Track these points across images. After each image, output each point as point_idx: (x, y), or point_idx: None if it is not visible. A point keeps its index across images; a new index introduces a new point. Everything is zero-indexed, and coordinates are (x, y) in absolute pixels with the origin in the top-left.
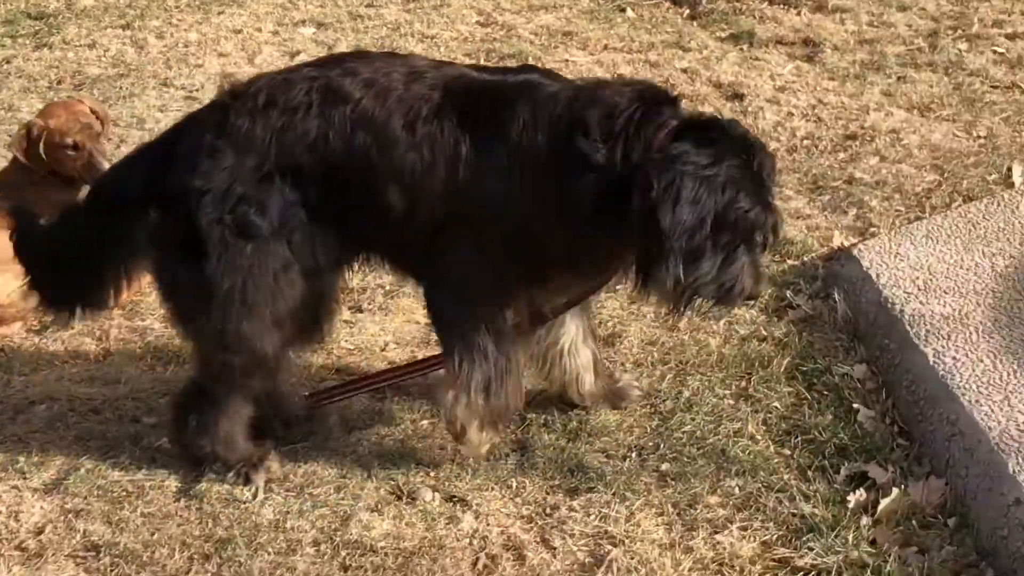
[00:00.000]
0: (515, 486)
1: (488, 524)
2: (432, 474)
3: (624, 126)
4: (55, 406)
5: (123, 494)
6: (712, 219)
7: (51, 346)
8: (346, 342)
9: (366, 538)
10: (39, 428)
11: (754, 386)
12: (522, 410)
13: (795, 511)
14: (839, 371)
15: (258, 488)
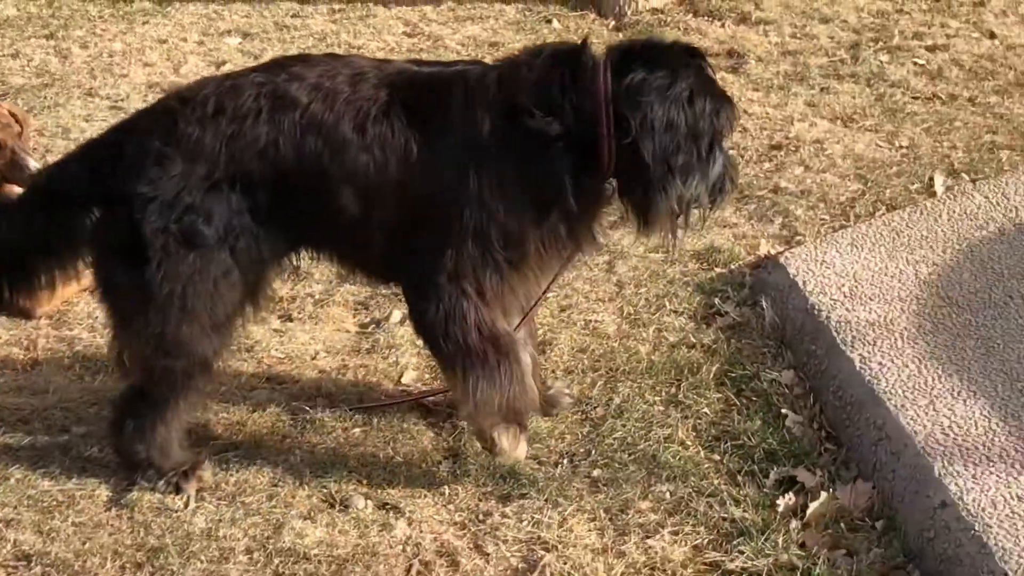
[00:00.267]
0: (448, 493)
1: (421, 531)
2: (364, 481)
3: (561, 91)
4: None
5: (53, 503)
6: (688, 132)
7: None
8: (276, 351)
9: (299, 546)
10: None
11: (684, 392)
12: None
13: (725, 515)
14: (767, 377)
15: (190, 497)
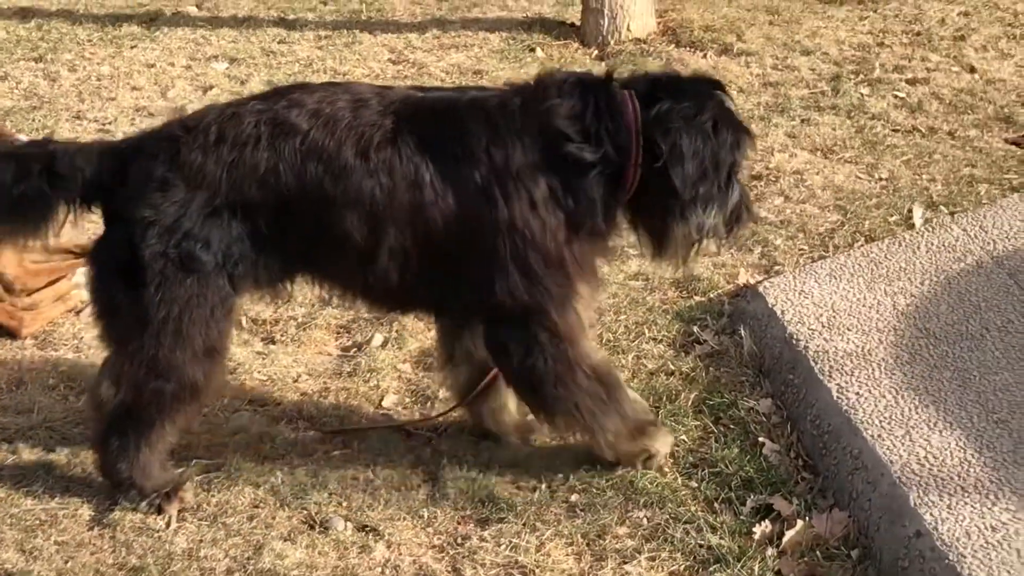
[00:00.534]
0: (427, 516)
1: (400, 553)
2: (344, 503)
3: (596, 118)
4: None
5: (36, 523)
6: (711, 161)
7: None
8: (259, 373)
9: (279, 567)
10: None
11: (662, 420)
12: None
13: (702, 542)
14: (745, 405)
15: (171, 517)
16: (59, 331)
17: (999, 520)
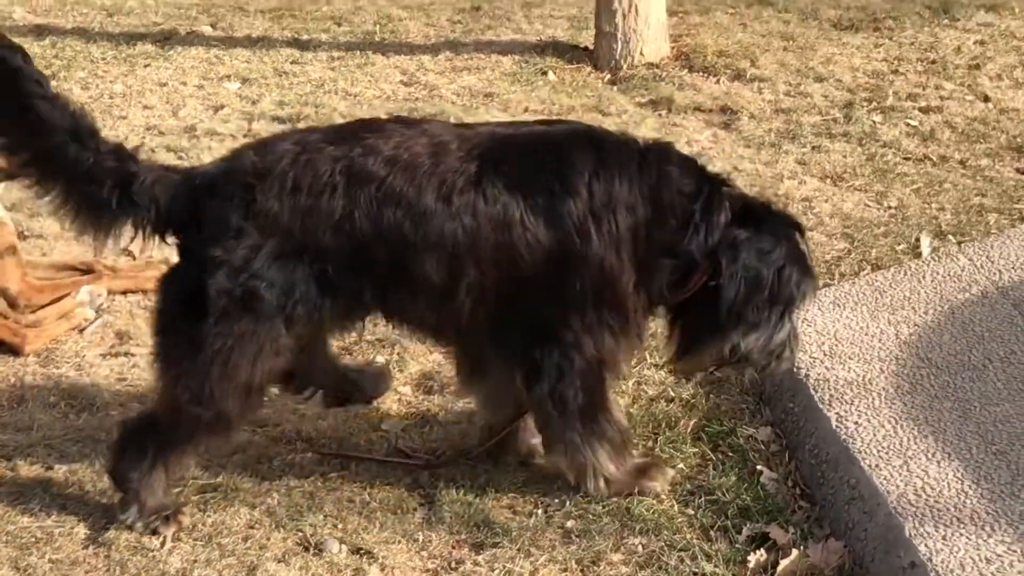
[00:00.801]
0: (421, 539)
1: None
2: (340, 526)
3: (701, 217)
4: None
5: (32, 540)
6: (768, 294)
7: None
8: None
9: None
10: None
11: (660, 446)
12: None
13: (696, 570)
14: (744, 433)
15: (167, 536)
16: (62, 349)
17: (994, 552)
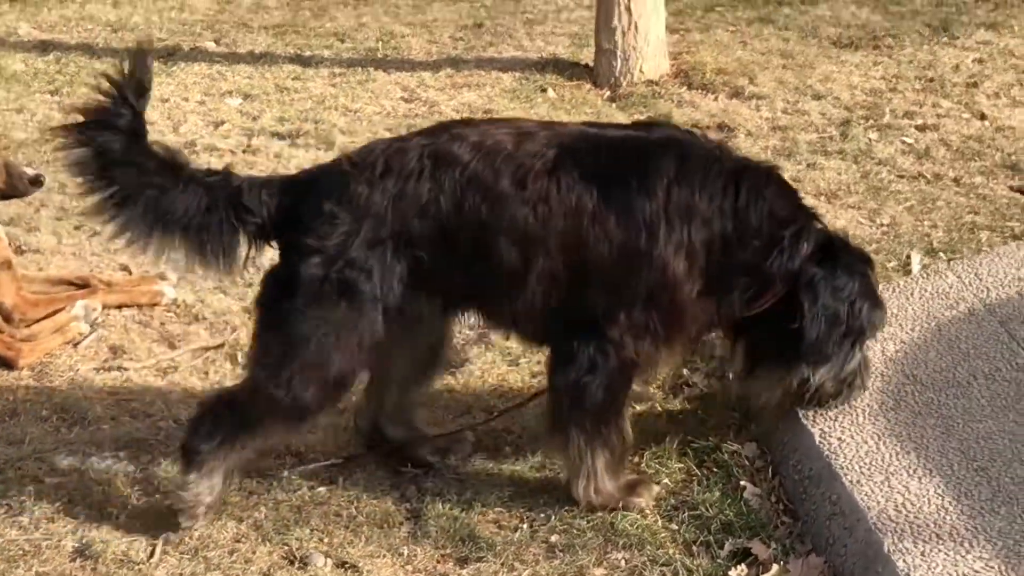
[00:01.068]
0: (407, 553)
1: None
2: (325, 540)
3: (790, 243)
4: None
5: (19, 553)
6: (841, 328)
7: None
8: None
9: None
10: None
11: (646, 462)
12: None
13: None
14: (729, 449)
15: (154, 549)
16: (56, 362)
17: (971, 568)
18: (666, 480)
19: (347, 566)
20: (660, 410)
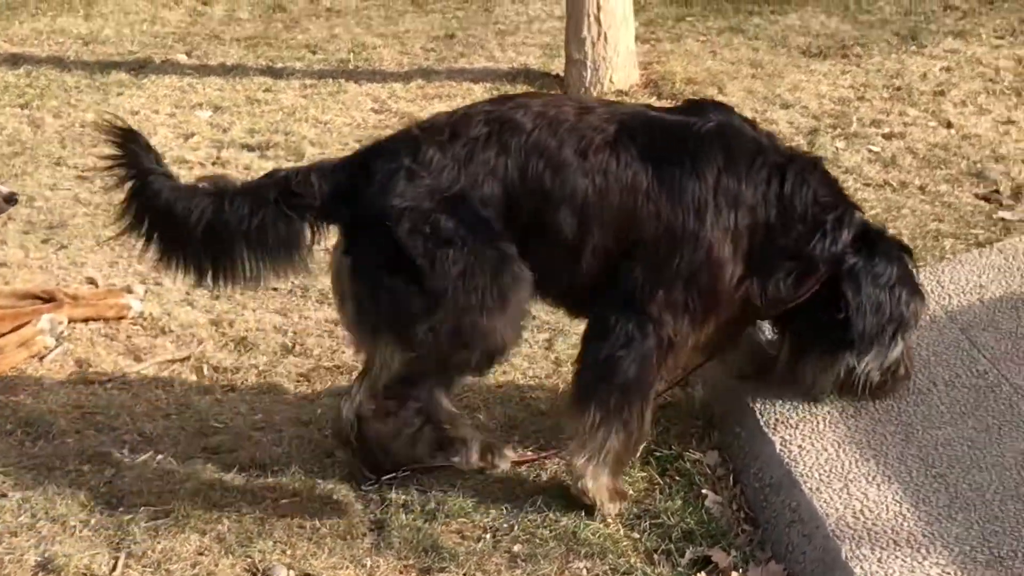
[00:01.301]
0: (369, 565)
1: None
2: (289, 552)
3: (832, 227)
4: None
5: None
6: (883, 315)
7: None
8: (215, 420)
9: None
10: None
11: None
12: None
13: None
14: (691, 457)
15: (117, 562)
16: (22, 376)
17: (928, 574)
18: (629, 489)
19: None
20: None
